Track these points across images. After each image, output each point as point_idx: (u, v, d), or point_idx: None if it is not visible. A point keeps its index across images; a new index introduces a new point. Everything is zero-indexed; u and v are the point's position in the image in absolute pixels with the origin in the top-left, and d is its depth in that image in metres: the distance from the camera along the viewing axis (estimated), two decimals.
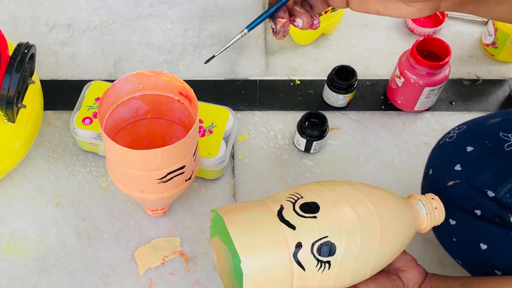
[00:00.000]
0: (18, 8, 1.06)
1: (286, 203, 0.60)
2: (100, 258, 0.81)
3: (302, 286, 0.58)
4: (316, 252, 0.58)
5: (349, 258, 0.59)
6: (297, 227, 0.58)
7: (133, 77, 0.73)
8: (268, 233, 0.58)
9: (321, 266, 0.58)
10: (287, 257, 0.57)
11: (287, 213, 0.59)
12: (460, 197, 0.65)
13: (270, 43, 1.02)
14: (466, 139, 0.68)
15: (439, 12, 1.03)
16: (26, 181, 0.87)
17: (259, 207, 0.60)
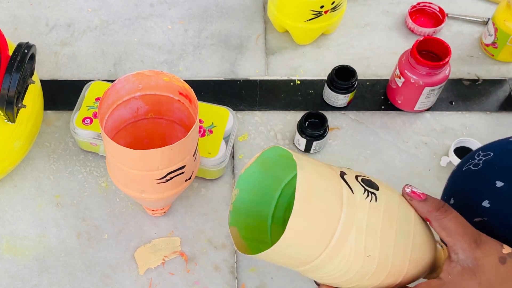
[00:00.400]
0: (18, 8, 1.06)
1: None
2: (100, 258, 0.81)
3: (351, 215, 0.54)
4: (361, 181, 0.56)
5: (392, 200, 0.56)
6: (342, 169, 0.58)
7: (133, 77, 0.73)
8: (324, 165, 0.57)
9: (369, 195, 0.55)
10: (336, 176, 0.55)
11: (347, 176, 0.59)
12: (487, 235, 0.59)
13: (270, 43, 1.02)
14: (494, 171, 0.62)
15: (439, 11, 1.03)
16: (26, 181, 0.87)
17: None
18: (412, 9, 1.04)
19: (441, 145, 0.91)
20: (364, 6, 1.07)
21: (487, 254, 0.56)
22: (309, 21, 0.95)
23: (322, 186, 0.54)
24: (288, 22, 0.97)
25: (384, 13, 1.06)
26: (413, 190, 0.58)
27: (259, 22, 1.05)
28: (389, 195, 0.57)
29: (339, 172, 0.56)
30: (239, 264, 0.80)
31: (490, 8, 1.06)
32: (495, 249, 0.56)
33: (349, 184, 0.55)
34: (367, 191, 0.55)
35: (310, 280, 0.79)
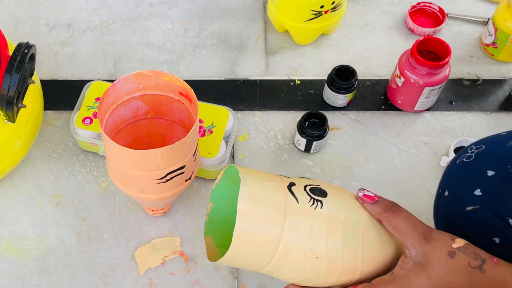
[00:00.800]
0: (18, 8, 1.06)
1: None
2: (100, 258, 0.81)
3: (295, 223, 0.59)
4: (308, 190, 0.60)
5: (339, 206, 0.60)
6: (291, 179, 0.62)
7: (133, 77, 0.73)
8: (267, 173, 0.62)
9: (314, 203, 0.60)
10: (282, 186, 0.60)
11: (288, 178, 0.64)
12: (479, 223, 0.62)
13: (270, 43, 1.02)
14: (486, 162, 0.65)
15: (439, 11, 1.03)
16: (26, 181, 0.87)
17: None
18: (412, 9, 1.04)
19: (441, 145, 0.91)
20: (364, 6, 1.07)
21: (437, 249, 0.59)
22: (309, 21, 0.95)
23: (265, 199, 0.59)
24: (288, 22, 0.97)
25: (384, 13, 1.06)
26: (364, 193, 0.62)
27: (259, 22, 1.05)
28: (336, 200, 0.61)
29: (287, 183, 0.61)
30: None
31: (490, 8, 1.06)
32: (444, 243, 0.59)
33: (295, 194, 0.60)
34: (313, 199, 0.60)
35: None
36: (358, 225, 0.61)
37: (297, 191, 0.60)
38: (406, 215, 0.61)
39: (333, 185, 0.63)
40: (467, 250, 0.60)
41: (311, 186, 0.61)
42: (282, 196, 0.59)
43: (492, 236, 0.62)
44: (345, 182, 0.87)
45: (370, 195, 0.62)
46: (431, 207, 0.85)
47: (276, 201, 0.59)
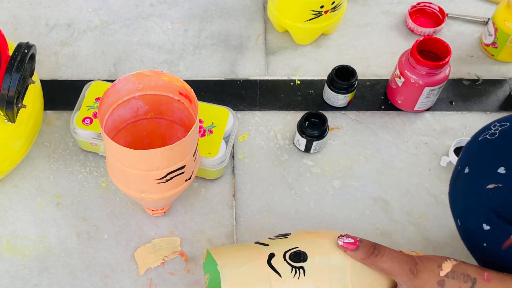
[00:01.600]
0: (18, 8, 1.06)
1: (264, 239, 0.68)
2: (100, 258, 0.81)
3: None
4: (288, 259, 0.63)
5: (322, 264, 0.62)
6: (270, 244, 0.65)
7: (133, 77, 0.73)
8: (245, 248, 0.66)
9: (296, 272, 0.62)
10: (263, 264, 0.62)
11: (262, 240, 0.67)
12: (500, 202, 0.61)
13: (270, 43, 1.02)
14: (511, 139, 0.63)
15: (439, 11, 1.03)
16: (26, 181, 0.87)
17: (239, 243, 0.71)
18: (412, 9, 1.04)
19: (441, 145, 0.91)
20: (364, 6, 1.07)
21: (426, 282, 0.61)
22: (309, 21, 0.95)
23: (248, 286, 0.62)
24: (288, 22, 0.97)
25: (384, 13, 1.06)
26: (344, 241, 0.63)
27: (259, 22, 1.05)
28: (318, 260, 0.63)
29: (267, 256, 0.63)
30: None
31: (490, 8, 1.06)
32: (432, 274, 0.61)
33: (276, 269, 0.62)
34: (294, 268, 0.62)
35: None
36: (344, 276, 0.63)
37: (278, 264, 0.62)
38: (389, 256, 0.63)
39: (313, 236, 0.65)
40: (455, 274, 0.61)
41: (291, 252, 0.63)
42: (264, 276, 0.62)
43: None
44: (345, 182, 0.87)
45: (350, 242, 0.63)
46: (431, 207, 0.85)
47: (259, 285, 0.62)
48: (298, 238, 0.65)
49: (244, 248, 0.65)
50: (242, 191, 0.86)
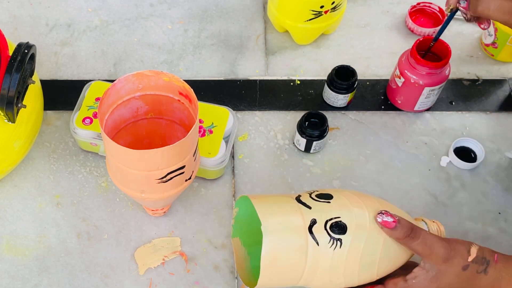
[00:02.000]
0: (18, 8, 1.06)
1: (304, 194, 0.68)
2: (100, 258, 0.81)
3: (315, 263, 0.63)
4: (329, 229, 0.63)
5: (359, 240, 0.63)
6: (313, 207, 0.65)
7: (133, 77, 0.73)
8: (288, 206, 0.65)
9: (334, 243, 0.63)
10: (303, 230, 0.63)
11: (304, 198, 0.66)
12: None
13: (270, 43, 1.02)
14: None
15: (439, 11, 1.03)
16: (26, 181, 0.87)
17: (281, 195, 0.69)
18: (412, 9, 1.04)
19: (441, 145, 0.91)
20: (364, 6, 1.07)
21: (452, 266, 0.63)
22: (309, 21, 0.95)
23: (287, 250, 0.63)
24: (288, 22, 0.97)
25: (384, 13, 1.06)
26: (383, 219, 0.64)
27: (259, 22, 1.05)
28: (355, 234, 0.64)
29: (309, 223, 0.64)
30: None
31: None
32: (461, 259, 0.63)
33: (316, 237, 0.63)
34: (332, 239, 0.63)
35: None
36: (375, 252, 0.64)
37: (318, 232, 0.63)
38: (424, 240, 0.64)
39: (354, 204, 0.66)
40: (477, 259, 0.63)
41: (332, 222, 0.64)
42: (303, 242, 0.63)
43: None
44: (345, 182, 0.87)
45: (389, 220, 0.64)
46: (431, 207, 0.85)
47: (298, 250, 0.63)
48: (341, 205, 0.65)
49: (287, 207, 0.65)
50: (242, 191, 0.86)
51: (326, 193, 0.67)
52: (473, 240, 0.82)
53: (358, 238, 0.64)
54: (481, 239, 0.82)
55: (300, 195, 0.67)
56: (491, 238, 0.83)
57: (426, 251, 0.63)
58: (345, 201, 0.66)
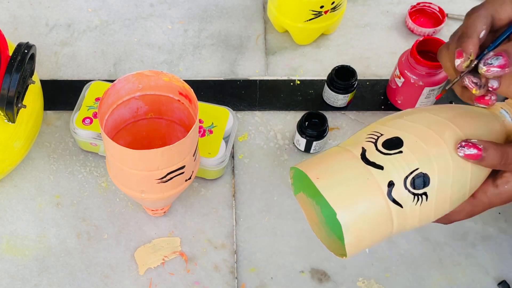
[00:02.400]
0: (18, 8, 1.06)
1: (367, 144, 0.57)
2: (100, 258, 0.81)
3: (403, 223, 0.57)
4: (410, 186, 0.55)
5: (444, 184, 0.56)
6: (385, 166, 0.56)
7: (133, 77, 0.73)
8: (357, 179, 0.56)
9: (419, 199, 0.56)
10: (382, 199, 0.55)
11: (371, 154, 0.56)
12: None
13: (270, 43, 1.02)
14: None
15: (439, 11, 1.03)
16: (26, 181, 0.87)
17: (341, 156, 0.58)
18: (412, 9, 1.04)
19: None
20: (364, 6, 1.07)
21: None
22: (309, 21, 0.95)
23: (370, 230, 0.56)
24: (288, 22, 0.97)
25: (384, 13, 1.06)
26: (465, 153, 0.55)
27: (259, 22, 1.05)
28: (441, 179, 0.56)
29: (386, 187, 0.55)
30: (239, 264, 0.80)
31: None
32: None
33: (398, 201, 0.55)
34: (416, 196, 0.55)
35: (310, 281, 0.79)
36: (465, 186, 0.57)
37: (399, 195, 0.55)
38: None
39: (430, 143, 0.56)
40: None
41: (412, 177, 0.55)
42: (385, 210, 0.55)
43: None
44: None
45: (472, 153, 0.55)
46: None
47: (381, 221, 0.56)
48: (415, 150, 0.56)
49: (357, 179, 0.56)
50: (242, 191, 0.86)
51: (393, 138, 0.57)
52: (473, 240, 0.82)
53: (444, 183, 0.56)
54: (481, 239, 0.83)
55: (364, 150, 0.57)
56: (491, 238, 0.83)
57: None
58: (419, 142, 0.56)
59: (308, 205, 0.65)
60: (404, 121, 0.59)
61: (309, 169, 0.57)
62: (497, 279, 0.80)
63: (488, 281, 0.80)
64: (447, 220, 0.61)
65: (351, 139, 0.60)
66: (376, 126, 0.59)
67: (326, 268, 0.80)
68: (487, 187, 0.58)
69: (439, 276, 0.80)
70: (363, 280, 0.79)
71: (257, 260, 0.81)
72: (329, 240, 0.62)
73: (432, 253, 0.81)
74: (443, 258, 0.81)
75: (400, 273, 0.80)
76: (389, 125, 0.59)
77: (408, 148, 0.56)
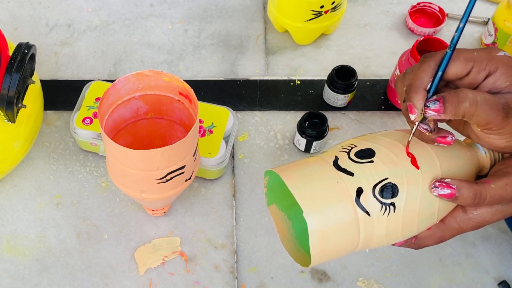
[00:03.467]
0: (18, 8, 1.06)
1: (340, 153, 0.59)
2: (100, 258, 0.81)
3: (370, 233, 0.57)
4: (378, 195, 0.56)
5: (413, 197, 0.56)
6: (355, 173, 0.56)
7: (133, 77, 0.73)
8: (327, 182, 0.56)
9: (386, 209, 0.56)
10: (350, 204, 0.56)
11: (343, 162, 0.57)
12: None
13: (270, 43, 1.02)
14: None
15: (439, 11, 1.03)
16: (26, 181, 0.87)
17: (314, 161, 0.59)
18: (412, 9, 1.04)
19: None
20: (364, 6, 1.07)
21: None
22: (309, 21, 0.95)
23: (336, 231, 0.56)
24: (288, 22, 0.97)
25: (384, 13, 1.06)
26: (439, 193, 0.56)
27: (259, 22, 1.05)
28: (409, 192, 0.56)
29: (355, 193, 0.56)
30: (239, 264, 0.80)
31: (490, 8, 1.06)
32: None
33: (365, 208, 0.56)
34: (384, 205, 0.56)
35: (310, 281, 0.79)
36: (433, 204, 0.57)
37: (366, 202, 0.56)
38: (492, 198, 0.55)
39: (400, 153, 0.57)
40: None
41: (380, 186, 0.56)
42: (352, 216, 0.56)
43: None
44: None
45: (446, 193, 0.56)
46: None
47: (348, 227, 0.56)
48: (386, 161, 0.57)
49: (327, 182, 0.56)
50: (242, 191, 0.86)
51: (366, 149, 0.58)
52: (473, 240, 0.82)
53: (413, 196, 0.56)
54: (481, 239, 0.82)
55: (337, 158, 0.58)
56: (491, 238, 0.83)
57: (496, 202, 0.56)
58: (390, 155, 0.57)
59: (279, 218, 0.65)
60: (379, 136, 0.60)
61: (282, 171, 0.58)
62: (497, 279, 0.80)
63: (488, 281, 0.80)
64: (417, 245, 0.61)
65: (327, 151, 0.61)
66: (352, 140, 0.61)
67: (326, 268, 0.80)
68: (456, 212, 0.59)
69: (439, 276, 0.80)
70: (363, 280, 0.79)
71: (257, 260, 0.81)
72: (297, 254, 0.63)
73: (432, 253, 0.81)
74: (443, 258, 0.81)
75: (400, 273, 0.80)
76: (363, 139, 0.60)
77: (379, 158, 0.57)
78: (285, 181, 0.57)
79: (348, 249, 0.58)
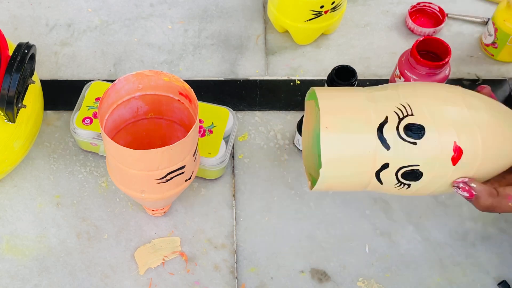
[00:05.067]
0: (18, 8, 1.06)
1: (393, 116, 0.56)
2: (100, 258, 0.81)
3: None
4: (400, 176, 0.57)
5: (431, 184, 0.57)
6: (392, 148, 0.56)
7: (133, 77, 0.73)
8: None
9: (401, 186, 0.57)
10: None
11: (388, 131, 0.56)
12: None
13: (270, 43, 1.02)
14: None
15: (439, 11, 1.03)
16: (26, 181, 0.87)
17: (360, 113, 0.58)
18: (412, 9, 1.04)
19: None
20: (364, 6, 1.07)
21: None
22: (309, 21, 0.95)
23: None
24: (288, 22, 0.97)
25: (384, 13, 1.06)
26: (458, 192, 0.58)
27: (259, 22, 1.05)
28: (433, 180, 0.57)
29: (381, 165, 0.56)
30: (239, 264, 0.81)
31: (490, 8, 1.06)
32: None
33: (381, 179, 0.57)
34: (401, 183, 0.57)
35: (310, 281, 0.79)
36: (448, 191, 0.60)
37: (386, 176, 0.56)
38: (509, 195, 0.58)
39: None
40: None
41: (404, 171, 0.56)
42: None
43: None
44: None
45: (464, 195, 0.58)
46: (431, 207, 0.85)
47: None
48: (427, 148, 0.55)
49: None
50: (242, 191, 0.86)
51: (419, 125, 0.56)
52: (473, 240, 0.82)
53: (432, 183, 0.57)
54: (481, 239, 0.83)
55: (385, 122, 0.56)
56: (491, 238, 0.83)
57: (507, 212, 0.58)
58: (436, 144, 0.56)
59: (311, 116, 0.66)
60: (441, 104, 0.58)
61: (320, 89, 0.59)
62: (497, 279, 0.80)
63: (488, 281, 0.80)
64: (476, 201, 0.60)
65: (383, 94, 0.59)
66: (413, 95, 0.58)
67: (326, 268, 0.80)
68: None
69: (439, 276, 0.80)
70: (363, 280, 0.79)
71: (257, 260, 0.81)
72: (313, 167, 0.63)
73: (432, 253, 0.81)
74: (443, 258, 0.81)
75: (400, 273, 0.80)
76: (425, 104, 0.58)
77: (423, 143, 0.56)
78: (316, 92, 0.59)
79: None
